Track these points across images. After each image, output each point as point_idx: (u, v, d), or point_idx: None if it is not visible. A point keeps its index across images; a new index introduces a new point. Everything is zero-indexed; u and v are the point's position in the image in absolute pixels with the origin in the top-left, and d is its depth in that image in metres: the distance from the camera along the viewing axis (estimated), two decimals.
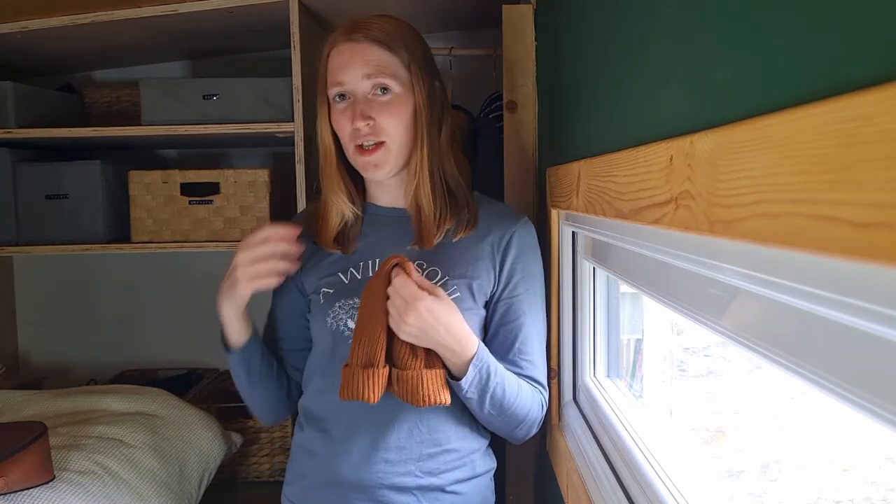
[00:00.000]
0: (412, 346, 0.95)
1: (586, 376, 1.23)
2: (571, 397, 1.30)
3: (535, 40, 1.49)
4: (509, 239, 1.07)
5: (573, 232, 1.25)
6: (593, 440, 1.08)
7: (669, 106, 0.64)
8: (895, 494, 1.03)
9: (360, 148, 1.02)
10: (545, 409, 1.09)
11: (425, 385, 0.95)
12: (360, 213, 1.09)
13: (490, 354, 1.00)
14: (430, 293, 0.93)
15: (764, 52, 0.45)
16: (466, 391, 0.97)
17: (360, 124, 0.99)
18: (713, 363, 1.22)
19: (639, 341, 1.14)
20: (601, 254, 1.07)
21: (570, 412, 1.25)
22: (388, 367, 0.95)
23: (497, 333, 1.07)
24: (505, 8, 1.50)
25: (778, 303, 0.48)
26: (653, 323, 1.10)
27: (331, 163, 1.06)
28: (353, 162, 1.05)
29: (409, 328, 0.92)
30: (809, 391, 0.44)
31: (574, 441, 1.16)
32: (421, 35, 1.07)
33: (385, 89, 1.00)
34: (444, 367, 0.98)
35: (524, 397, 1.03)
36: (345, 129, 1.02)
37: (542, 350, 1.10)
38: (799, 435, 1.13)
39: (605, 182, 0.82)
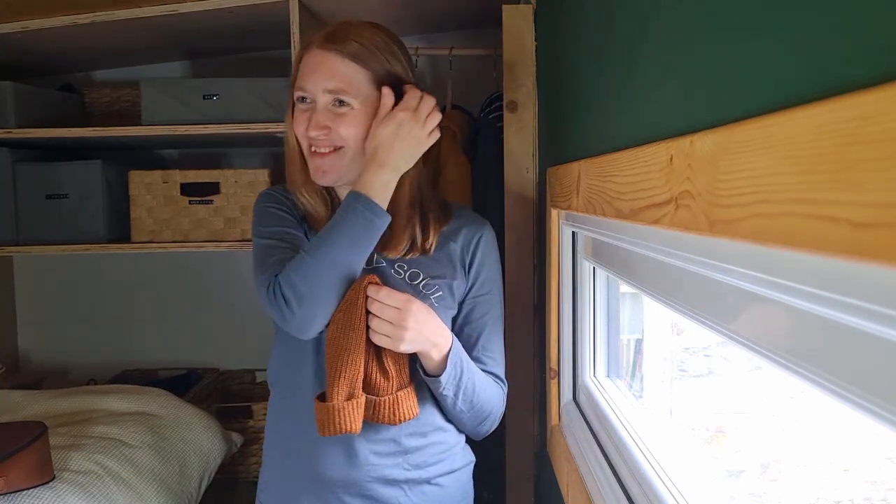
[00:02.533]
0: (382, 369, 0.97)
1: (586, 376, 1.23)
2: (571, 397, 1.30)
3: (535, 40, 1.49)
4: (477, 242, 1.10)
5: (573, 232, 1.25)
6: (593, 440, 1.08)
7: (669, 106, 0.64)
8: (895, 494, 1.03)
9: (314, 152, 1.01)
10: (505, 403, 1.12)
11: (401, 406, 0.98)
12: (327, 207, 1.07)
13: (461, 347, 1.04)
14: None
15: (764, 52, 0.45)
16: (444, 387, 0.99)
17: (314, 133, 0.99)
18: (713, 363, 1.22)
19: (639, 341, 1.14)
20: (601, 254, 1.07)
21: (570, 412, 1.25)
22: (363, 394, 0.97)
23: (461, 331, 1.09)
24: (505, 8, 1.50)
25: (778, 303, 0.48)
26: (653, 323, 1.10)
27: (292, 159, 1.06)
28: (308, 162, 1.03)
29: (410, 332, 0.94)
30: (809, 391, 0.44)
31: (574, 441, 1.16)
32: (402, 44, 1.06)
33: (343, 102, 0.99)
34: (413, 376, 1.01)
35: (490, 391, 1.07)
36: (300, 128, 1.02)
37: (502, 347, 1.14)
38: (799, 435, 1.14)
39: (605, 182, 0.82)
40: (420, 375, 1.01)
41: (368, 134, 1.00)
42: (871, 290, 0.37)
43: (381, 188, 0.98)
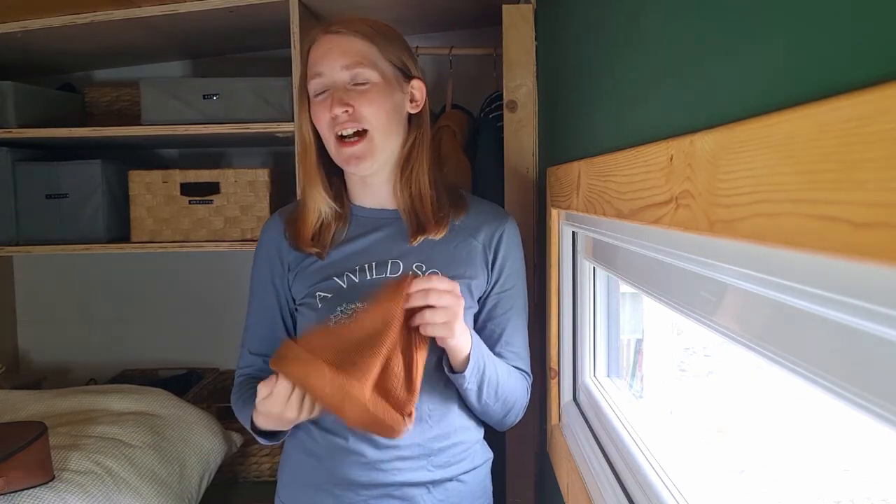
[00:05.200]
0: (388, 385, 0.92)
1: (586, 376, 1.23)
2: (571, 397, 1.30)
3: (535, 40, 1.49)
4: (500, 237, 1.09)
5: (573, 232, 1.25)
6: (593, 440, 1.08)
7: (669, 106, 0.64)
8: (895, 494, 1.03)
9: (342, 140, 1.01)
10: (529, 393, 1.13)
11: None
12: (340, 210, 1.08)
13: (481, 341, 1.03)
14: None
15: (764, 52, 0.45)
16: (468, 382, 0.99)
17: (338, 110, 0.98)
18: (713, 363, 1.22)
19: (639, 341, 1.14)
20: (601, 254, 1.07)
21: (570, 412, 1.25)
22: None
23: (484, 327, 1.10)
24: (505, 8, 1.50)
25: (778, 303, 0.48)
26: (653, 323, 1.10)
27: (309, 157, 1.06)
28: (335, 156, 1.03)
29: (460, 309, 0.92)
30: (809, 391, 0.44)
31: (574, 441, 1.16)
32: (404, 40, 1.08)
33: (362, 80, 1.00)
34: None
35: (514, 381, 1.07)
36: (323, 120, 1.01)
37: (526, 341, 1.14)
38: (799, 435, 1.14)
39: (605, 182, 0.82)
40: (445, 373, 1.01)
41: (393, 118, 1.02)
42: (871, 290, 0.37)
43: None
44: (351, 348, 0.89)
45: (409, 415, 0.89)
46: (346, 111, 0.99)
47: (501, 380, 1.04)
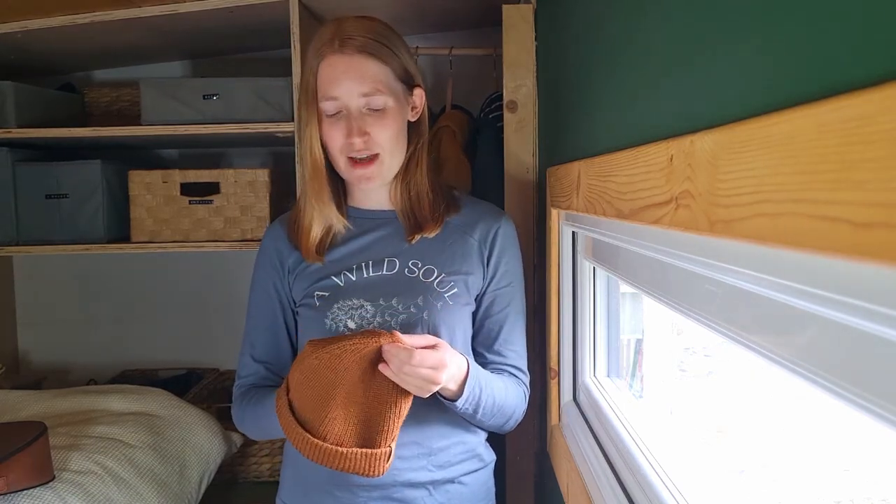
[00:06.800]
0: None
1: (586, 376, 1.23)
2: (571, 397, 1.30)
3: (535, 40, 1.49)
4: (495, 234, 1.10)
5: (573, 232, 1.25)
6: (593, 440, 1.08)
7: (669, 106, 0.64)
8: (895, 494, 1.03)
9: (353, 161, 1.02)
10: (528, 396, 1.13)
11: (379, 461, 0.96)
12: (346, 221, 1.09)
13: (478, 367, 1.03)
14: (429, 347, 0.94)
15: (764, 52, 0.45)
16: (462, 410, 1.00)
17: (357, 140, 0.99)
18: (713, 363, 1.22)
19: (639, 341, 1.14)
20: (601, 254, 1.07)
21: (570, 412, 1.25)
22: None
23: (482, 325, 1.10)
24: (505, 8, 1.50)
25: (778, 303, 0.48)
26: (653, 323, 1.10)
27: (319, 172, 1.05)
28: (344, 174, 1.05)
29: (439, 385, 0.94)
30: (809, 391, 0.44)
31: (574, 441, 1.16)
32: (400, 36, 1.07)
33: (378, 105, 1.00)
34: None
35: (510, 395, 1.07)
36: (336, 142, 1.01)
37: (524, 339, 1.14)
38: (799, 435, 1.14)
39: (605, 182, 0.82)
40: (439, 399, 1.01)
41: (402, 136, 1.04)
42: (872, 290, 0.37)
43: None
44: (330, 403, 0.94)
45: (388, 453, 0.94)
46: (364, 140, 1.00)
47: (498, 400, 1.04)
